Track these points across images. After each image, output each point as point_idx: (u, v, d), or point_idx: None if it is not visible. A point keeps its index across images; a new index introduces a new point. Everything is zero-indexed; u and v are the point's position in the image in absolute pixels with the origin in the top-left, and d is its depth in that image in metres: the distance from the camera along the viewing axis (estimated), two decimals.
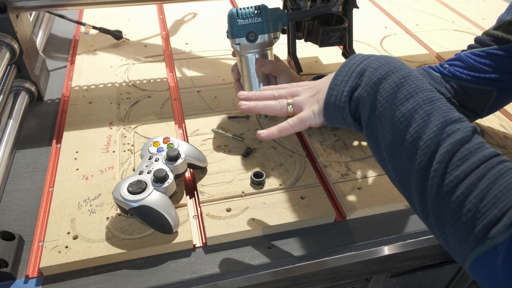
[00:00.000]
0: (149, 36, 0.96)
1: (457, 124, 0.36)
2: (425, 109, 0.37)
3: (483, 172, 0.33)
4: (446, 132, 0.35)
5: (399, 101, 0.38)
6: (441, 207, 0.35)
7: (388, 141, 0.39)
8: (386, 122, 0.39)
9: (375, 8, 1.14)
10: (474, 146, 0.34)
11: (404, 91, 0.38)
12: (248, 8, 0.57)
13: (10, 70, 0.70)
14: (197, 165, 0.60)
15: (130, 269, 0.51)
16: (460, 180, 0.33)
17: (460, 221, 0.33)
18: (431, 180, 0.35)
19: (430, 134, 0.36)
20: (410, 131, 0.37)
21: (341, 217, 0.59)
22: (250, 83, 0.62)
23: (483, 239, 0.31)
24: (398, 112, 0.38)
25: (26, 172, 0.64)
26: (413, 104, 0.38)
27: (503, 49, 0.57)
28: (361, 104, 0.42)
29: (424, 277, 0.72)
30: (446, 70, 0.62)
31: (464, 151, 0.34)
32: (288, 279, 0.55)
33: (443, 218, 0.35)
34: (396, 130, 0.38)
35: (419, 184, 0.37)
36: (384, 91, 0.40)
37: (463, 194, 0.33)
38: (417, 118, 0.37)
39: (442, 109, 0.37)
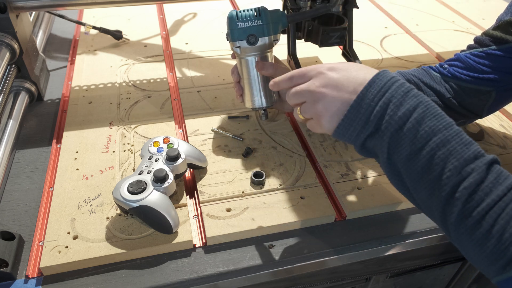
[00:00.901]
0: (149, 36, 0.96)
1: (473, 163, 0.37)
2: (440, 154, 0.38)
3: (502, 207, 0.36)
4: (462, 175, 0.37)
5: (414, 147, 0.40)
6: (462, 237, 0.38)
7: (408, 179, 0.41)
8: (405, 164, 0.41)
9: (375, 8, 1.14)
10: (489, 183, 0.37)
11: (419, 137, 0.39)
12: (248, 10, 0.57)
13: (10, 70, 0.70)
14: (197, 165, 0.60)
15: (130, 269, 0.51)
16: (481, 216, 0.36)
17: (483, 251, 0.36)
18: (451, 218, 0.38)
19: (447, 179, 0.38)
20: (428, 175, 0.39)
21: (341, 217, 0.59)
22: (251, 85, 0.62)
23: (506, 268, 0.35)
24: (415, 158, 0.40)
25: (26, 172, 0.64)
26: (427, 150, 0.39)
27: (502, 49, 0.57)
28: (378, 148, 0.43)
29: (424, 277, 0.72)
30: (446, 71, 0.62)
31: (482, 190, 0.36)
32: (288, 279, 0.55)
33: (465, 246, 0.39)
34: (415, 172, 0.40)
35: (440, 219, 0.40)
36: (401, 138, 0.40)
37: (485, 229, 0.36)
38: (433, 164, 0.39)
39: (457, 150, 0.38)
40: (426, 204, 0.41)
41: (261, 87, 0.63)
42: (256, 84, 0.62)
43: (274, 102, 0.65)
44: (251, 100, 0.64)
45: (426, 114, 0.40)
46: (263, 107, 0.65)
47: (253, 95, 0.63)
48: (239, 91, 0.65)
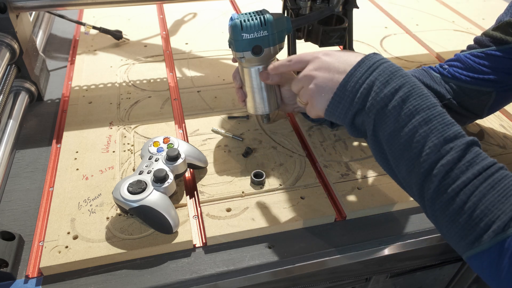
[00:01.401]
0: (149, 36, 0.96)
1: (452, 142, 0.39)
2: (421, 132, 0.40)
3: (476, 186, 0.37)
4: (441, 153, 0.39)
5: (398, 124, 0.41)
6: (437, 213, 0.40)
7: (391, 155, 0.43)
8: (388, 141, 0.43)
9: (375, 8, 1.14)
10: (466, 162, 0.38)
11: (402, 115, 0.41)
12: (252, 20, 0.55)
13: (10, 70, 0.70)
14: (197, 165, 0.60)
15: (130, 269, 0.51)
16: (455, 193, 0.38)
17: (454, 227, 0.39)
18: (428, 194, 0.40)
19: (426, 156, 0.39)
20: (409, 151, 0.41)
21: (341, 217, 0.59)
22: (254, 94, 0.62)
23: (473, 244, 0.37)
24: (398, 135, 0.41)
25: (26, 172, 0.64)
26: (410, 127, 0.41)
27: (502, 50, 0.57)
28: (366, 124, 0.45)
29: (424, 277, 0.72)
30: (446, 71, 0.62)
31: (459, 168, 0.38)
32: (288, 279, 0.55)
33: (439, 221, 0.40)
34: (397, 149, 0.42)
35: (418, 194, 0.41)
36: (386, 115, 0.42)
37: (458, 206, 0.38)
38: (414, 141, 0.40)
39: (438, 129, 0.40)
40: (406, 180, 0.43)
41: (265, 95, 0.62)
42: (260, 93, 0.62)
43: (278, 107, 0.65)
44: (254, 107, 0.64)
45: (411, 94, 0.41)
46: (267, 113, 0.65)
47: (257, 103, 0.63)
48: (242, 97, 0.64)
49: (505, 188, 0.37)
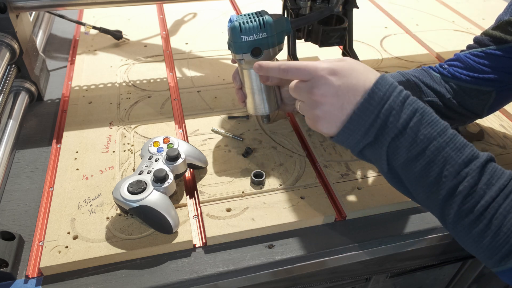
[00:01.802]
0: (149, 36, 0.96)
1: (467, 167, 0.40)
2: (437, 162, 0.40)
3: (499, 204, 0.38)
4: (458, 179, 0.39)
5: (411, 155, 0.41)
6: (460, 234, 0.41)
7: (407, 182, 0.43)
8: (403, 169, 0.43)
9: (375, 8, 1.14)
10: (484, 183, 0.39)
11: (416, 145, 0.41)
12: (251, 22, 0.55)
13: (10, 70, 0.70)
14: (197, 165, 0.60)
15: (130, 269, 0.51)
16: (479, 214, 0.39)
17: (480, 246, 0.40)
18: (450, 218, 0.41)
19: (443, 184, 0.40)
20: (425, 179, 0.41)
21: (341, 217, 0.59)
22: (254, 95, 0.62)
23: (504, 260, 0.39)
24: (412, 164, 0.42)
25: (26, 172, 0.64)
26: (424, 158, 0.41)
27: (502, 49, 0.57)
28: (376, 155, 0.44)
29: (424, 277, 0.72)
30: (446, 71, 0.62)
31: (478, 191, 0.39)
32: (288, 279, 0.55)
33: (465, 244, 0.42)
34: (412, 177, 0.42)
35: (440, 216, 0.43)
36: (397, 148, 0.42)
37: (484, 225, 0.39)
38: (429, 171, 0.41)
39: (451, 155, 0.40)
40: (426, 204, 0.44)
41: (265, 96, 0.62)
42: (260, 94, 0.62)
43: (277, 108, 0.65)
44: (254, 108, 0.64)
45: (421, 122, 0.41)
46: (267, 114, 0.65)
47: (257, 103, 0.63)
48: (242, 98, 0.64)
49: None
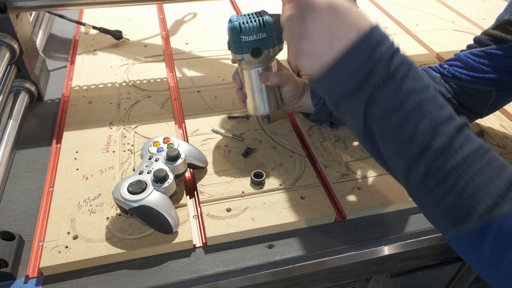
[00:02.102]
0: (149, 36, 0.96)
1: (443, 125, 0.38)
2: (414, 115, 0.39)
3: (464, 170, 0.37)
4: (432, 135, 0.38)
5: (391, 105, 0.40)
6: (422, 195, 0.40)
7: (380, 137, 0.42)
8: (378, 122, 0.41)
9: (375, 8, 1.14)
10: (457, 145, 0.38)
11: (397, 97, 0.40)
12: (251, 22, 0.55)
13: (10, 70, 0.70)
14: (197, 165, 0.60)
15: (130, 269, 0.51)
16: (443, 176, 0.38)
17: (439, 209, 0.39)
18: (415, 176, 0.39)
19: (416, 137, 0.39)
20: (399, 133, 0.40)
21: (341, 217, 0.59)
22: (254, 95, 0.62)
23: (457, 225, 0.37)
24: (389, 116, 0.40)
25: (26, 172, 0.64)
26: (403, 109, 0.39)
27: (502, 48, 0.57)
28: (354, 106, 0.42)
29: (424, 277, 0.72)
30: (446, 71, 0.62)
31: (448, 152, 0.38)
32: (288, 279, 0.55)
33: (423, 203, 0.41)
34: (387, 130, 0.41)
35: (404, 175, 0.41)
36: (379, 97, 0.40)
37: (445, 187, 0.38)
38: (405, 124, 0.39)
39: (430, 112, 0.39)
40: (393, 162, 0.42)
41: (265, 96, 0.62)
42: (260, 94, 0.62)
43: (277, 108, 0.65)
44: (255, 108, 0.64)
45: (407, 75, 0.40)
46: (267, 114, 0.65)
47: (257, 103, 0.63)
48: (242, 98, 0.64)
49: (492, 171, 0.37)
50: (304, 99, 0.66)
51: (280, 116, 0.73)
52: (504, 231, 0.35)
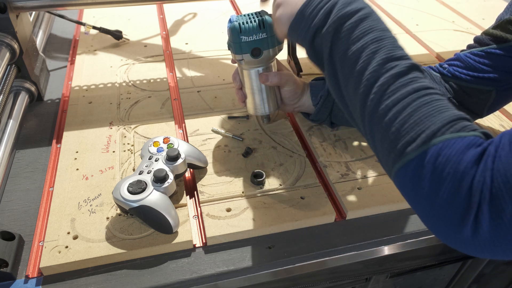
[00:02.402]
0: (149, 36, 0.96)
1: (397, 61, 0.40)
2: (372, 48, 0.41)
3: (408, 102, 0.38)
4: (385, 68, 0.40)
5: (351, 40, 0.43)
6: (373, 128, 0.41)
7: (341, 75, 0.44)
8: (341, 58, 0.44)
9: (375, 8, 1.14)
10: (406, 80, 0.39)
11: (357, 32, 0.43)
12: (251, 22, 0.55)
13: (10, 70, 0.70)
14: (197, 165, 0.60)
15: (130, 269, 0.51)
16: (389, 108, 0.39)
17: (386, 140, 0.39)
18: (368, 108, 0.41)
19: (371, 69, 0.40)
20: (357, 66, 0.42)
21: (341, 217, 0.59)
22: (254, 96, 0.62)
23: (401, 156, 0.37)
24: (350, 50, 0.43)
25: (26, 172, 0.64)
26: (362, 43, 0.42)
27: (502, 48, 0.57)
28: (324, 43, 0.45)
29: (424, 277, 0.72)
30: (446, 70, 0.62)
31: (397, 84, 0.39)
32: (288, 279, 0.55)
33: (375, 138, 0.41)
34: (347, 65, 0.43)
35: (360, 110, 0.42)
36: (343, 32, 0.44)
37: (390, 119, 0.38)
38: (363, 56, 0.41)
39: (387, 47, 0.41)
40: (352, 101, 0.43)
41: (265, 96, 0.62)
42: (260, 94, 0.62)
43: (277, 108, 0.65)
44: (254, 109, 0.64)
45: (369, 16, 0.44)
46: (267, 114, 0.65)
47: (257, 104, 0.63)
48: (242, 98, 0.65)
49: (440, 106, 0.37)
50: (304, 99, 0.66)
51: (280, 116, 0.73)
52: (441, 157, 0.34)
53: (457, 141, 0.34)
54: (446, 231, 0.35)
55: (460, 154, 0.34)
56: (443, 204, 0.34)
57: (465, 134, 0.35)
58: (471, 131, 0.35)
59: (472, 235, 0.33)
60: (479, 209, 0.32)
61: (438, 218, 0.35)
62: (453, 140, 0.34)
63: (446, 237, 0.35)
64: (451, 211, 0.33)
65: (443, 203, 0.34)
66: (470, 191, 0.32)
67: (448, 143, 0.34)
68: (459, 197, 0.33)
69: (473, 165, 0.33)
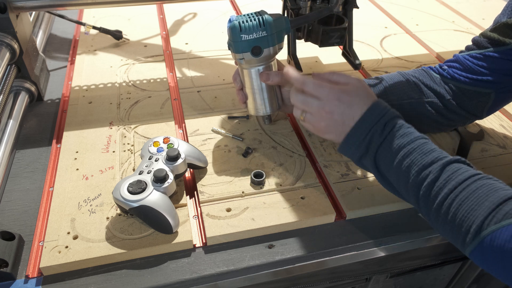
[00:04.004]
0: (149, 36, 0.96)
1: (429, 168, 0.46)
2: (405, 164, 0.48)
3: (450, 202, 0.44)
4: (421, 177, 0.47)
5: (390, 160, 0.50)
6: (435, 227, 0.48)
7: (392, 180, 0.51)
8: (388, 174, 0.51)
9: (375, 8, 1.14)
10: (442, 182, 0.45)
11: (391, 154, 0.49)
12: (251, 21, 0.55)
13: (10, 70, 0.70)
14: (197, 165, 0.60)
15: (130, 269, 0.51)
16: (437, 211, 0.46)
17: (447, 235, 0.46)
18: (422, 210, 0.48)
19: (412, 182, 0.48)
20: (401, 180, 0.49)
21: (341, 217, 0.59)
22: (255, 95, 0.62)
23: (464, 245, 0.44)
24: (392, 168, 0.50)
25: (26, 172, 0.64)
26: (396, 161, 0.49)
27: (500, 51, 0.57)
28: (369, 164, 0.52)
29: (424, 277, 0.72)
30: (445, 72, 0.62)
31: (436, 189, 0.46)
32: (288, 279, 0.55)
33: (439, 231, 0.48)
34: (394, 179, 0.51)
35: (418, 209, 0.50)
36: (382, 155, 0.50)
37: (443, 220, 0.45)
38: (402, 171, 0.48)
39: (417, 159, 0.47)
40: (406, 198, 0.51)
41: (266, 96, 0.62)
42: (261, 94, 0.62)
43: (278, 108, 0.65)
44: (255, 109, 0.64)
45: (395, 135, 0.50)
46: (267, 114, 0.65)
47: (258, 103, 0.63)
48: (243, 99, 0.64)
49: (479, 195, 0.43)
50: None
51: (280, 116, 0.73)
52: (495, 247, 0.40)
53: (502, 231, 0.40)
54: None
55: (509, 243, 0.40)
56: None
57: (508, 223, 0.40)
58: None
59: None
60: None
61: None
62: (498, 232, 0.40)
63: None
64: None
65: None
66: None
67: (495, 235, 0.41)
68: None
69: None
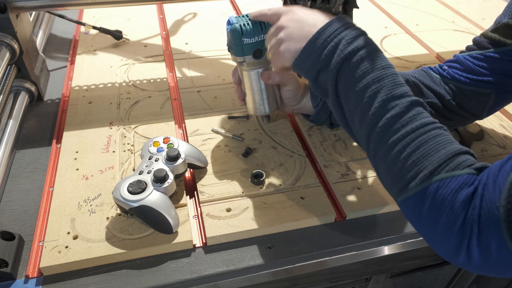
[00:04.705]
0: (149, 36, 0.96)
1: (397, 100, 0.43)
2: (373, 88, 0.44)
3: (408, 142, 0.41)
4: (386, 109, 0.43)
5: (355, 79, 0.46)
6: (377, 162, 0.45)
7: (347, 109, 0.48)
8: (345, 96, 0.47)
9: (375, 8, 1.14)
10: (405, 119, 0.42)
11: (360, 71, 0.45)
12: (252, 24, 0.55)
13: (10, 70, 0.70)
14: (197, 165, 0.60)
15: (130, 269, 0.51)
16: (390, 148, 0.42)
17: (389, 175, 0.43)
18: (371, 145, 0.45)
19: (373, 110, 0.44)
20: (360, 106, 0.45)
21: (341, 217, 0.59)
22: (255, 96, 0.62)
23: (403, 190, 0.41)
24: (353, 89, 0.46)
25: (26, 172, 0.64)
26: (364, 83, 0.45)
27: (501, 52, 0.57)
28: (328, 80, 0.48)
29: (424, 277, 0.72)
30: (445, 72, 0.62)
31: (397, 125, 0.42)
32: (288, 279, 0.55)
33: (379, 170, 0.45)
34: (351, 103, 0.46)
35: (365, 145, 0.46)
36: (346, 71, 0.46)
37: (392, 159, 0.42)
38: (365, 96, 0.45)
39: (388, 86, 0.44)
40: (358, 133, 0.47)
41: (265, 97, 0.62)
42: (260, 94, 0.62)
43: (277, 108, 0.65)
44: (254, 109, 0.64)
45: (370, 54, 0.46)
46: (267, 114, 0.65)
47: (257, 104, 0.63)
48: (241, 96, 0.65)
49: (437, 143, 0.41)
50: (304, 101, 0.66)
51: (280, 116, 0.73)
52: (438, 196, 0.38)
53: (451, 180, 0.38)
54: (445, 256, 0.40)
55: (454, 194, 0.38)
56: (440, 236, 0.39)
57: (459, 173, 0.38)
58: (466, 168, 0.39)
59: (467, 261, 0.38)
60: (470, 243, 0.37)
61: (437, 246, 0.40)
62: (448, 180, 0.38)
63: (446, 259, 0.40)
64: (447, 243, 0.38)
65: (440, 236, 0.39)
66: (462, 228, 0.37)
67: (443, 183, 0.38)
68: (453, 233, 0.37)
69: (464, 205, 0.37)
